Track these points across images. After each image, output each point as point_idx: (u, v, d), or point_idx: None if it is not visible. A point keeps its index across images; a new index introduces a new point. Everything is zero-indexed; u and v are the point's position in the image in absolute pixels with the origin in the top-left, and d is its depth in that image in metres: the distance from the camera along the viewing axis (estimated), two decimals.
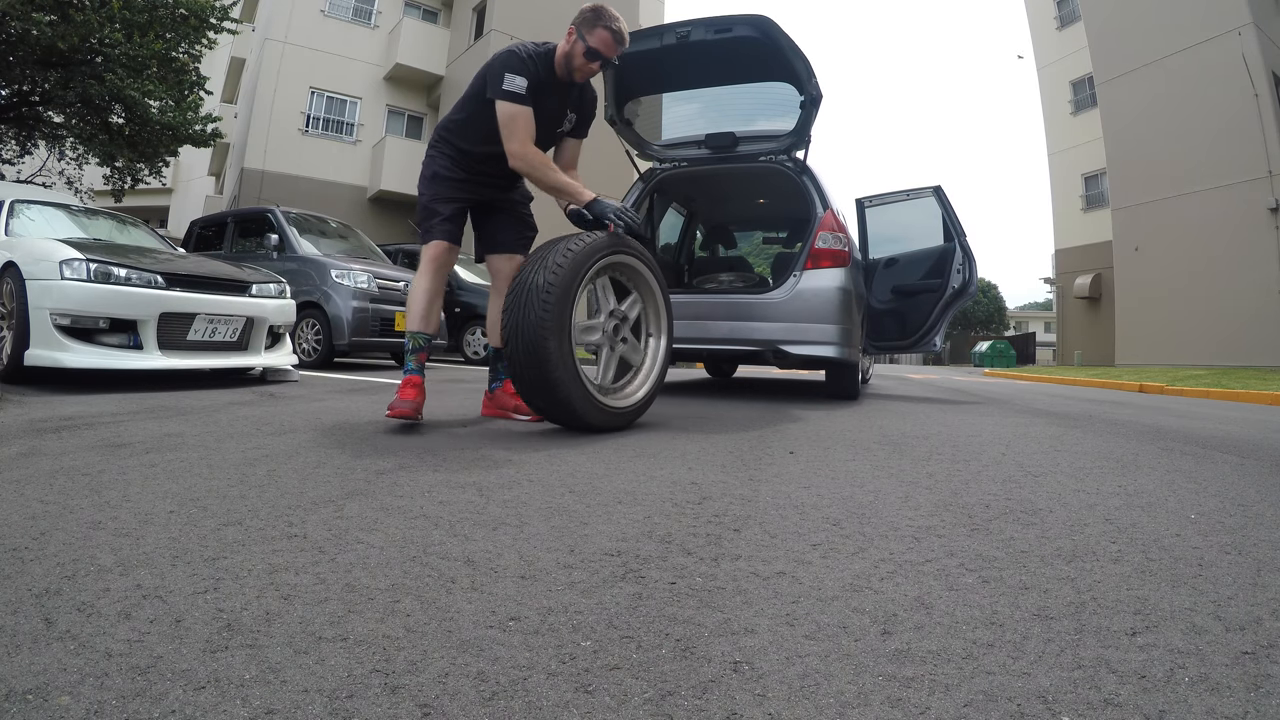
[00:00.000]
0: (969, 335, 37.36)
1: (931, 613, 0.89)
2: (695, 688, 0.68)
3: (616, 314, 2.66)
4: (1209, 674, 0.74)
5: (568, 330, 2.26)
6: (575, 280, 2.30)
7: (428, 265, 2.56)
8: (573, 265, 2.30)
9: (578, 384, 2.30)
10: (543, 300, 2.22)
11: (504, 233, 2.77)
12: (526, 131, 2.40)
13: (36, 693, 0.62)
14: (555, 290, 2.23)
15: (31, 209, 4.40)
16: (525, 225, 2.81)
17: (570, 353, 2.26)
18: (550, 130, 2.64)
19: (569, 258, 2.30)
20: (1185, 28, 14.89)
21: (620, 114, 4.44)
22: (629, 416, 2.55)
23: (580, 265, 2.33)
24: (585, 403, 2.33)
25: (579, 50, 2.46)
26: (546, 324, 2.20)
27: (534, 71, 2.43)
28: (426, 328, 2.56)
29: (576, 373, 2.29)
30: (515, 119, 2.39)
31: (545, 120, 2.56)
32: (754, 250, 10.91)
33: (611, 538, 1.18)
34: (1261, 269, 13.40)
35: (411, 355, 2.53)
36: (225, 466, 1.64)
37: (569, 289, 2.27)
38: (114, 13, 8.56)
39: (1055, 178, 21.83)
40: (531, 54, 2.46)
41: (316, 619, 0.81)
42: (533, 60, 2.44)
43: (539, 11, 16.27)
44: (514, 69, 2.39)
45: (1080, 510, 1.49)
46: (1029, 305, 67.65)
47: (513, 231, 2.78)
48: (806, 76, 3.86)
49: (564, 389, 2.25)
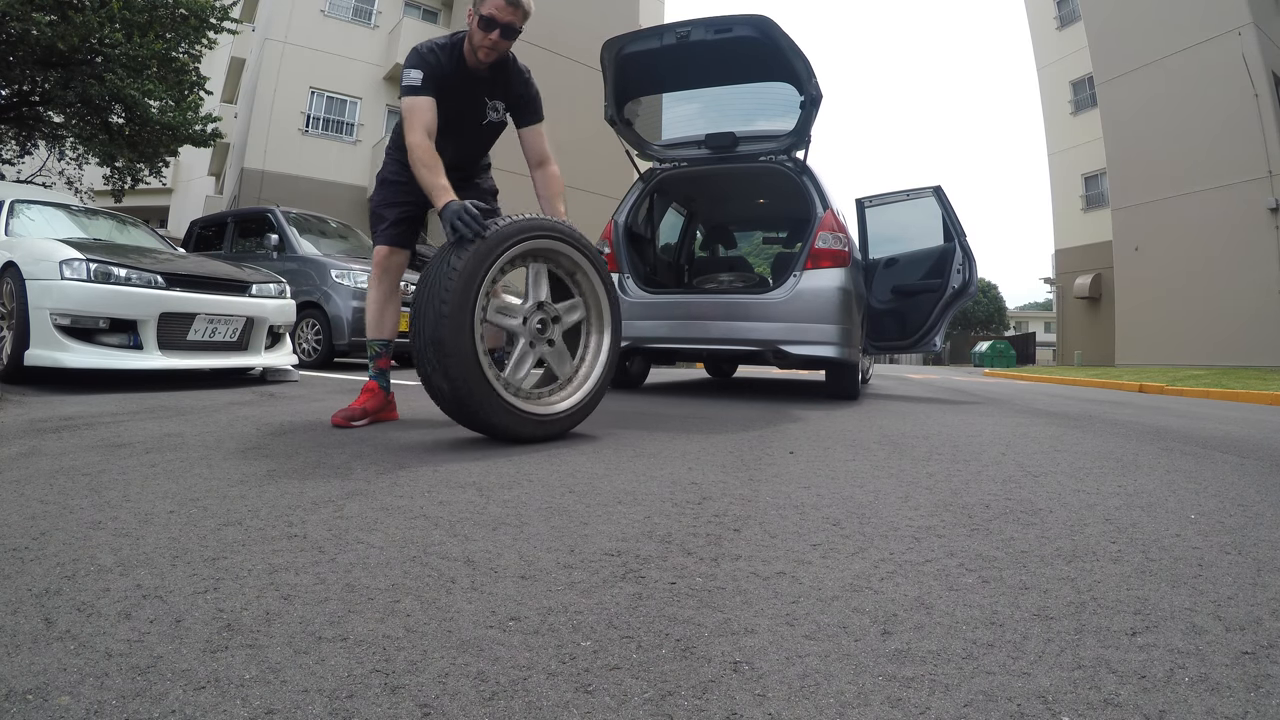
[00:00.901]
0: (969, 335, 37.37)
1: (931, 613, 0.89)
2: (695, 688, 0.68)
3: (547, 309, 2.33)
4: (1209, 674, 0.74)
5: (469, 324, 2.01)
6: (481, 268, 2.05)
7: (374, 271, 2.59)
8: (478, 251, 2.06)
9: (481, 383, 2.03)
10: (445, 289, 2.01)
11: None
12: (420, 122, 2.28)
13: (36, 693, 0.62)
14: (458, 279, 2.01)
15: (31, 209, 4.40)
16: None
17: (472, 349, 2.01)
18: (475, 124, 2.54)
19: (476, 243, 2.09)
20: (1185, 28, 14.89)
21: (620, 114, 4.44)
22: (553, 425, 2.23)
23: (488, 252, 2.08)
24: (489, 403, 2.05)
25: (474, 24, 2.34)
26: (444, 315, 1.98)
27: (436, 63, 2.34)
28: (380, 334, 2.58)
29: (481, 371, 2.03)
30: (409, 111, 2.31)
31: (462, 113, 2.46)
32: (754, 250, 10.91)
33: (611, 538, 1.18)
34: (1261, 269, 13.40)
35: (371, 362, 2.58)
36: (225, 466, 1.64)
37: (473, 277, 2.03)
38: (114, 13, 8.55)
39: (1055, 178, 21.83)
40: (434, 47, 2.38)
41: (316, 619, 0.81)
42: (434, 53, 2.36)
43: (539, 11, 16.24)
44: (412, 64, 2.32)
45: (1080, 510, 1.49)
46: (1029, 305, 67.66)
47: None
48: (806, 76, 3.86)
49: (462, 388, 2.00)
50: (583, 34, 15.67)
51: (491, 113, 2.55)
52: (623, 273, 4.36)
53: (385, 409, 2.60)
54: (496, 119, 2.57)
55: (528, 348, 2.30)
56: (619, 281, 4.33)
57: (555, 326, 2.36)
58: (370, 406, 2.50)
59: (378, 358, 2.57)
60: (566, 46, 16.33)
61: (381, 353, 2.57)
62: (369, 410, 2.49)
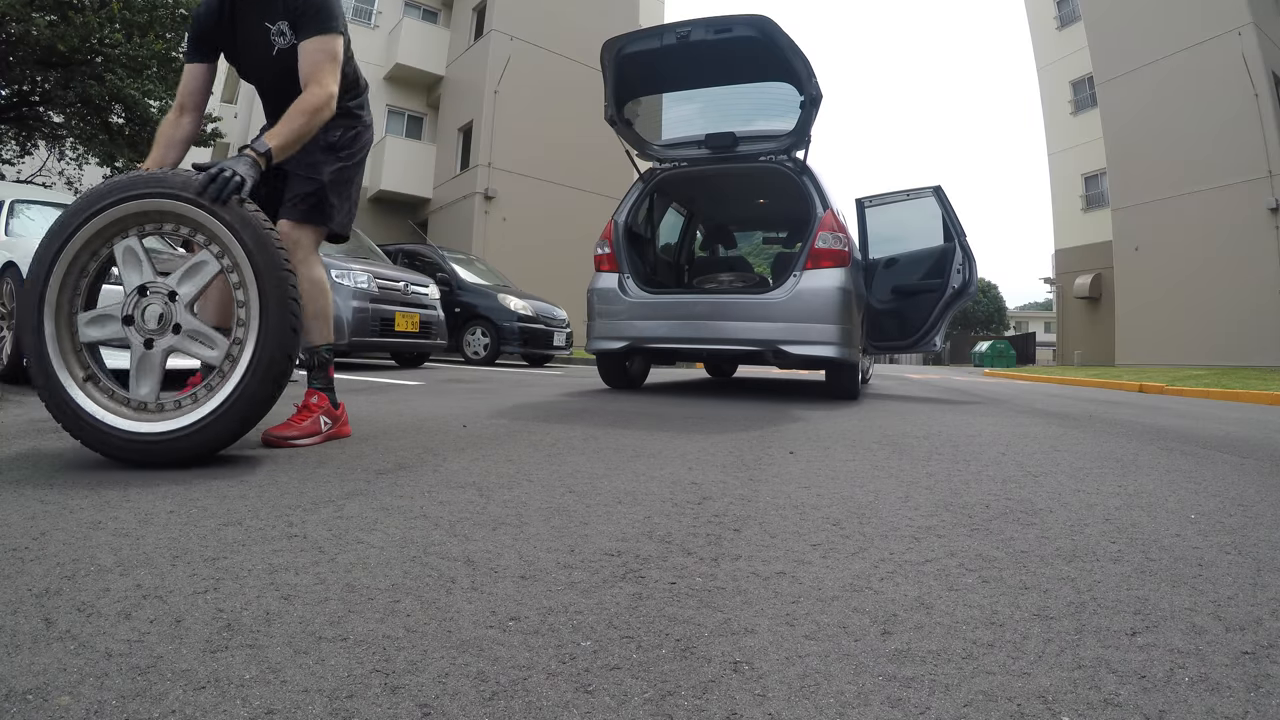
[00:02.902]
0: (969, 335, 37.38)
1: (931, 613, 0.89)
2: (695, 688, 0.68)
3: (156, 291, 1.68)
4: (1209, 674, 0.74)
5: (39, 322, 1.65)
6: (49, 252, 1.65)
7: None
8: (53, 230, 1.66)
9: (58, 392, 1.63)
10: (32, 279, 1.66)
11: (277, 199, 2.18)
12: (179, 93, 2.05)
13: (36, 693, 0.62)
14: (36, 266, 1.66)
15: (31, 209, 4.40)
16: (297, 183, 2.12)
17: (44, 350, 1.64)
18: (267, 60, 2.06)
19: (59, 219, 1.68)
20: (1185, 28, 14.90)
21: (620, 114, 4.44)
22: (157, 450, 1.60)
23: (63, 228, 1.65)
24: (67, 417, 1.61)
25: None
26: (23, 314, 1.66)
27: (203, 13, 2.03)
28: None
29: (54, 379, 1.64)
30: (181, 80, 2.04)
31: (252, 54, 2.07)
32: (754, 250, 10.91)
33: (611, 538, 1.18)
34: (1261, 269, 13.41)
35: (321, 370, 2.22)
36: (225, 466, 1.64)
37: (48, 264, 1.65)
38: (114, 13, 8.56)
39: (1055, 178, 21.85)
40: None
41: (316, 619, 0.81)
42: (204, 4, 2.05)
43: (539, 11, 16.29)
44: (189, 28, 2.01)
45: (1080, 510, 1.49)
46: (1029, 305, 67.69)
47: (281, 196, 2.15)
48: (806, 76, 3.86)
49: (44, 396, 1.64)
50: (583, 34, 15.69)
51: (278, 38, 2.03)
52: (623, 272, 4.36)
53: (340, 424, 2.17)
54: (284, 44, 2.04)
55: (143, 349, 1.68)
56: (619, 282, 4.33)
57: (175, 305, 1.68)
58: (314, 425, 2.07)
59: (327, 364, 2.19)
60: (566, 46, 16.34)
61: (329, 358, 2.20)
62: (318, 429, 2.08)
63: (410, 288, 6.58)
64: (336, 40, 1.97)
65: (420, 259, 9.22)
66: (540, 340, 8.82)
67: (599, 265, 4.49)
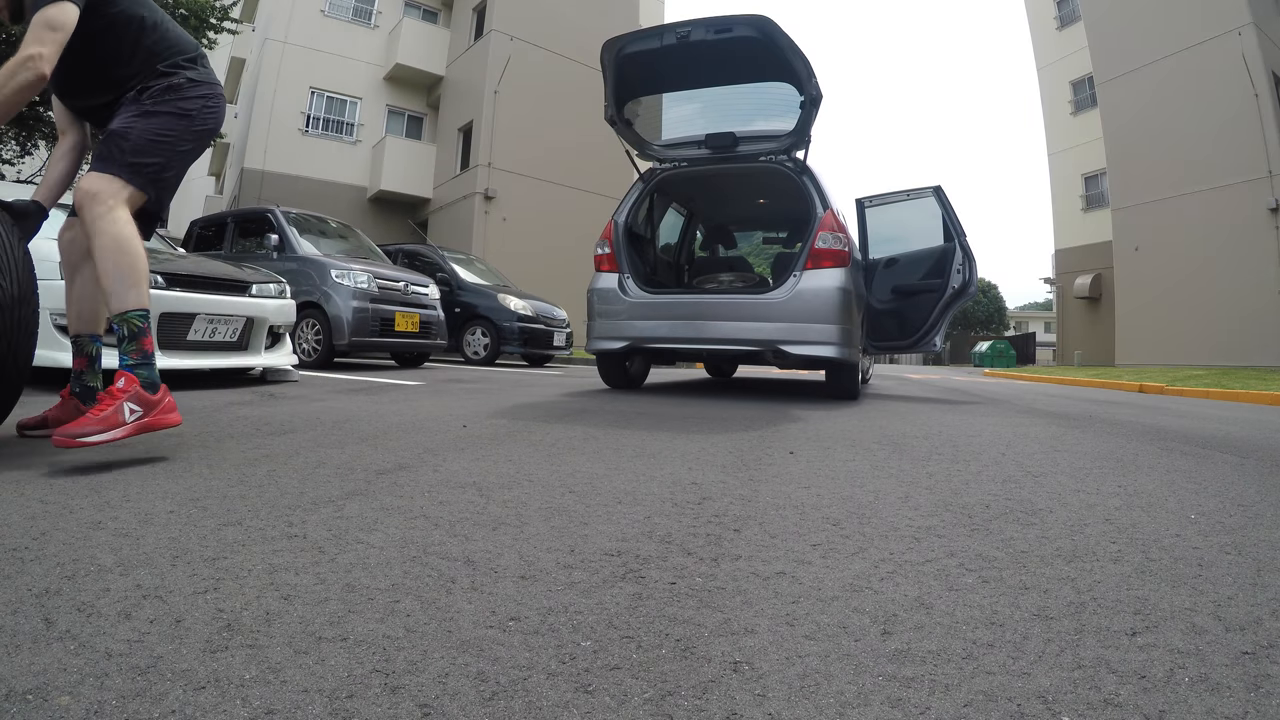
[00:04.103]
0: (969, 335, 37.37)
1: (931, 613, 0.89)
2: (695, 688, 0.68)
3: None
4: (1209, 674, 0.74)
5: None
6: None
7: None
8: None
9: None
10: None
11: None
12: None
13: (36, 693, 0.62)
14: None
15: None
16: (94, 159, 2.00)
17: None
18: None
19: None
20: (1185, 28, 14.90)
21: (620, 114, 4.44)
22: None
23: None
24: None
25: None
26: None
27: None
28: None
29: None
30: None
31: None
32: (754, 250, 10.91)
33: (611, 538, 1.18)
34: (1261, 269, 13.41)
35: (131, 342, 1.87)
36: (225, 466, 1.64)
37: None
38: None
39: (1055, 178, 21.84)
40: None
41: (316, 619, 0.81)
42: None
43: (539, 11, 16.29)
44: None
45: (1080, 510, 1.49)
46: (1029, 305, 67.67)
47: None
48: (806, 76, 3.86)
49: None
50: (583, 34, 15.69)
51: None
52: (623, 273, 4.36)
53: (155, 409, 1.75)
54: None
55: None
56: (619, 282, 4.33)
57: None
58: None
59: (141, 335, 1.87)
60: (566, 46, 16.34)
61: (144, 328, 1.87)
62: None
63: (410, 288, 6.58)
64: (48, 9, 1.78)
65: (420, 259, 9.22)
66: (540, 340, 8.82)
67: (599, 265, 4.49)
